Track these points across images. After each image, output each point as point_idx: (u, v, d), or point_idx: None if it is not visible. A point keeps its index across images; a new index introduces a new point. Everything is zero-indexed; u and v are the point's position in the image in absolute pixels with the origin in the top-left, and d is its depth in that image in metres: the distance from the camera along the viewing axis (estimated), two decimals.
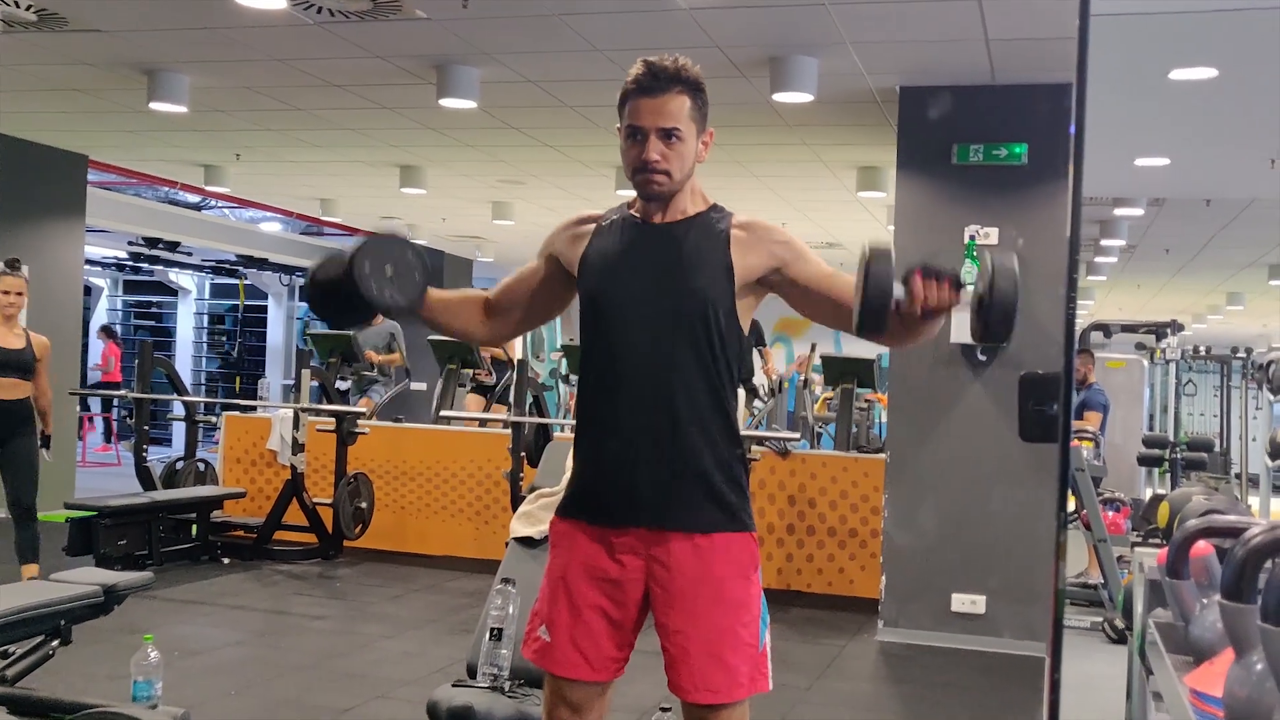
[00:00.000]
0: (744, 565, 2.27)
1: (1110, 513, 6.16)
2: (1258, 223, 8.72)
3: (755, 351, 8.94)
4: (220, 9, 5.23)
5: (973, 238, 5.82)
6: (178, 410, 8.78)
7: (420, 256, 2.42)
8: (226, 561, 7.30)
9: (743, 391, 8.23)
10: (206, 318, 17.28)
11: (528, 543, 3.43)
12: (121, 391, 8.90)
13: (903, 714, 4.95)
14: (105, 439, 14.77)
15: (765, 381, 9.45)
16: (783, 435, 7.41)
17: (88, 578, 3.96)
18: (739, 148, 7.53)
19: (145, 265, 15.09)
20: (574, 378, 9.72)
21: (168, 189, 11.22)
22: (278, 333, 16.60)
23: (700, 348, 2.25)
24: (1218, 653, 1.77)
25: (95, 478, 11.08)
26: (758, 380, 9.12)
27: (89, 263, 12.65)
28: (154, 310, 17.58)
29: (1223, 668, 1.55)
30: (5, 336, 5.77)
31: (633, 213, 2.35)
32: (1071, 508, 6.40)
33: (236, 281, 16.35)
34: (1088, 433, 7.15)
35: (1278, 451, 6.42)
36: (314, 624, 5.87)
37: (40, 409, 5.90)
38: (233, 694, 4.54)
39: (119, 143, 8.75)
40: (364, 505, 7.57)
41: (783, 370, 11.29)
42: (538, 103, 6.65)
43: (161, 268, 15.34)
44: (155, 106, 6.60)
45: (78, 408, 10.35)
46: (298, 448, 7.44)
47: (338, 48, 5.75)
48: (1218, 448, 9.70)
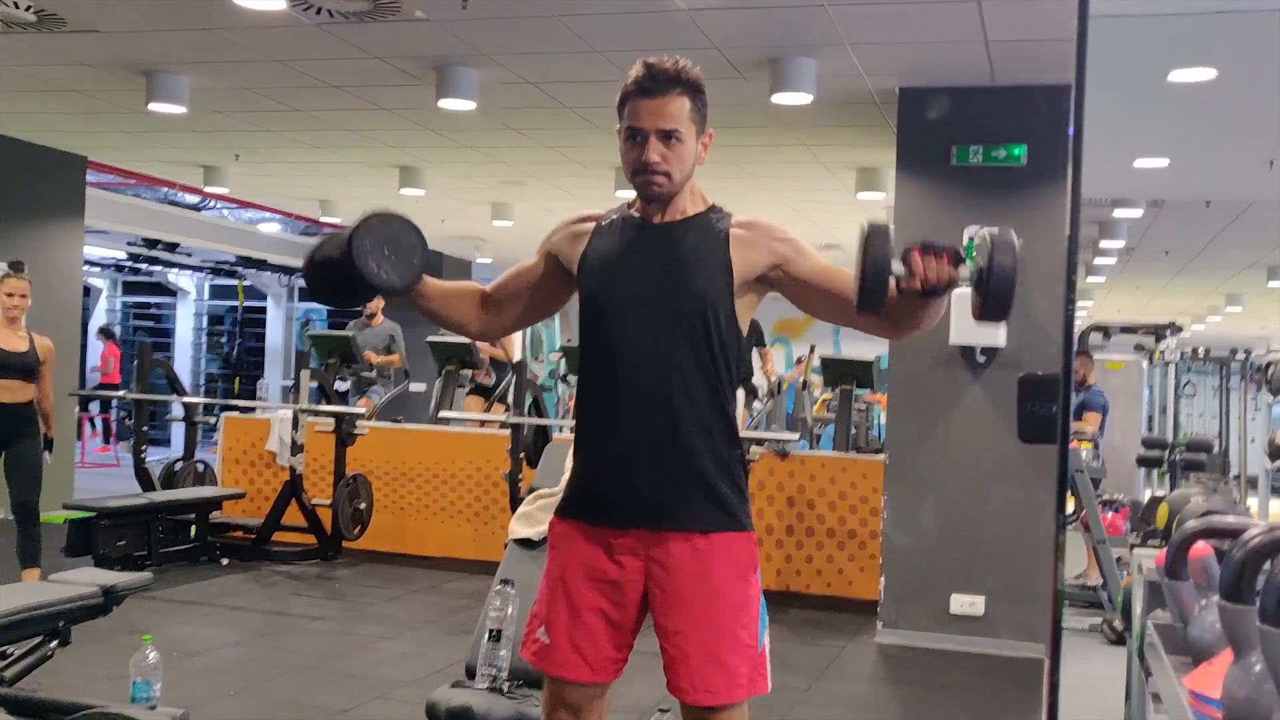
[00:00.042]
0: (743, 566, 2.27)
1: (1109, 514, 6.16)
2: (1257, 224, 8.72)
3: (754, 352, 8.93)
4: (219, 10, 5.22)
5: (971, 239, 5.81)
6: (177, 411, 8.77)
7: (421, 239, 2.40)
8: (225, 562, 7.30)
9: (742, 393, 8.24)
10: (205, 319, 17.27)
11: (527, 544, 3.43)
12: (120, 392, 8.89)
13: (902, 715, 4.95)
14: (104, 440, 14.76)
15: (764, 382, 9.44)
16: (781, 436, 7.41)
17: (86, 578, 3.96)
18: (738, 149, 7.52)
19: (144, 266, 15.09)
20: (573, 379, 9.70)
21: (167, 190, 11.22)
22: (277, 334, 16.60)
23: (700, 348, 2.25)
24: (1216, 654, 1.77)
25: (94, 478, 11.06)
26: (756, 380, 9.11)
27: (88, 263, 12.64)
28: (153, 311, 17.58)
29: (1221, 669, 1.55)
30: (8, 338, 5.75)
31: (632, 213, 2.35)
32: (1070, 509, 6.39)
33: (235, 282, 16.35)
34: (1086, 434, 7.14)
35: (1276, 453, 6.44)
36: (313, 625, 5.87)
37: (43, 412, 5.87)
38: (232, 695, 4.54)
39: (118, 143, 8.75)
40: (363, 506, 7.57)
41: (783, 373, 11.29)
42: (537, 104, 6.65)
43: (160, 269, 15.34)
44: (154, 107, 6.59)
45: (76, 409, 10.35)
46: (297, 449, 7.44)
47: (337, 49, 5.75)
48: (1216, 449, 9.70)
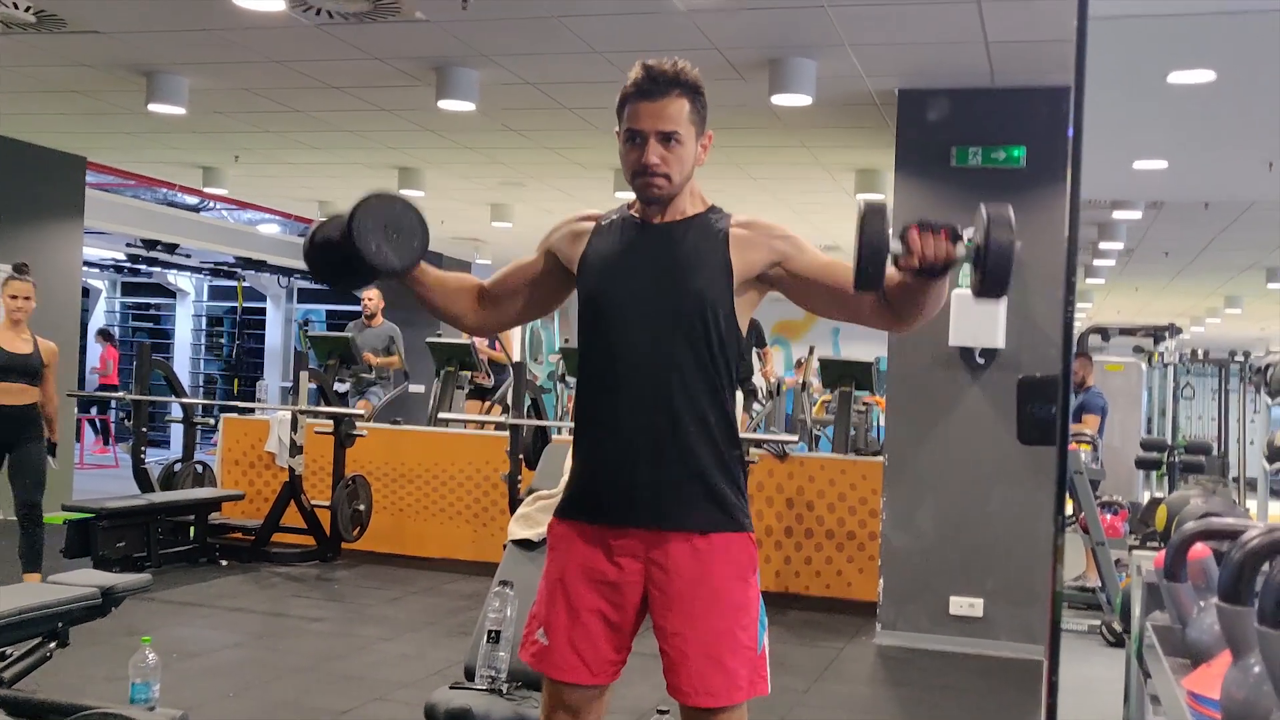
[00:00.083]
0: (742, 567, 2.27)
1: (1108, 516, 6.15)
2: (1256, 225, 8.72)
3: (754, 352, 8.93)
4: (219, 11, 5.22)
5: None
6: (176, 412, 8.77)
7: (422, 222, 2.39)
8: (224, 563, 7.30)
9: (741, 394, 8.24)
10: (205, 320, 17.27)
11: (526, 545, 3.43)
12: (120, 393, 8.89)
13: (900, 717, 4.95)
14: (103, 441, 14.75)
15: (764, 384, 9.44)
16: (780, 438, 7.41)
17: (86, 580, 3.96)
18: (738, 150, 7.52)
19: (144, 267, 15.08)
20: (572, 380, 9.70)
21: (166, 191, 11.22)
22: (276, 335, 16.59)
23: (699, 348, 2.25)
24: (1215, 655, 1.77)
25: (93, 480, 11.06)
26: (755, 381, 9.11)
27: (87, 264, 12.64)
28: (152, 312, 17.57)
29: (1220, 670, 1.55)
30: (13, 341, 5.73)
31: (632, 213, 2.35)
32: (1069, 511, 6.39)
33: (235, 283, 16.35)
34: (1086, 436, 7.14)
35: (1275, 455, 6.43)
36: (312, 626, 5.86)
37: (46, 416, 5.85)
38: (231, 696, 4.54)
39: (117, 144, 8.75)
40: (362, 507, 7.57)
41: (783, 376, 11.30)
42: (537, 105, 6.65)
43: (160, 270, 15.33)
44: (154, 108, 6.59)
45: (75, 410, 10.34)
46: (296, 450, 7.43)
47: (336, 49, 5.75)
48: (1215, 451, 9.69)
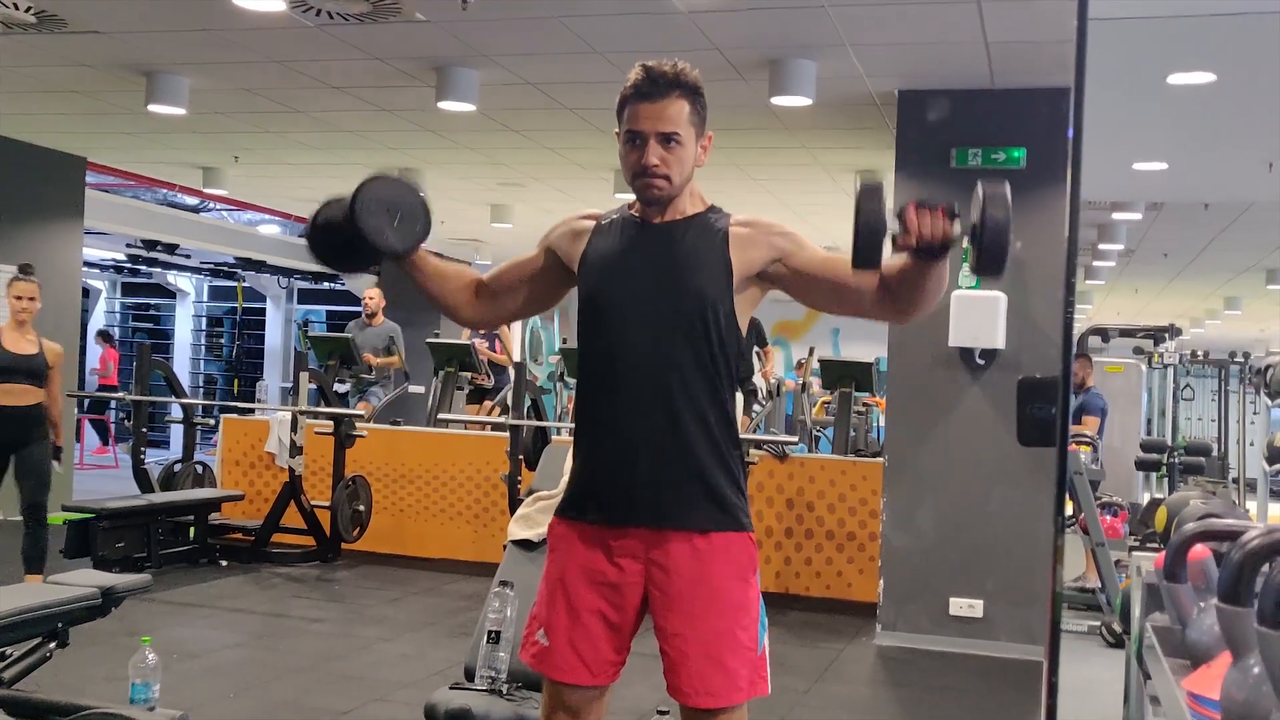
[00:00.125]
0: (742, 567, 2.27)
1: (1108, 517, 6.16)
2: (1256, 227, 8.73)
3: (755, 352, 8.91)
4: (219, 11, 5.23)
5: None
6: (176, 413, 8.77)
7: (425, 205, 2.40)
8: (224, 564, 7.30)
9: (741, 396, 8.23)
10: (205, 320, 17.27)
11: (526, 545, 3.43)
12: (120, 394, 8.89)
13: (901, 717, 4.95)
14: (103, 441, 14.75)
15: (763, 384, 9.43)
16: (780, 439, 7.41)
17: (86, 580, 3.96)
18: (738, 151, 7.53)
19: (144, 268, 15.09)
20: (572, 380, 9.70)
21: (166, 191, 11.22)
22: (276, 335, 16.60)
23: (699, 347, 2.25)
24: (1215, 656, 1.77)
25: (93, 480, 11.07)
26: (756, 381, 9.09)
27: (87, 265, 12.64)
28: (152, 312, 17.57)
29: (1220, 671, 1.55)
30: (17, 342, 5.70)
31: (632, 213, 2.36)
32: (1069, 512, 6.40)
33: (235, 284, 16.34)
34: (1085, 437, 7.14)
35: (1275, 456, 6.43)
36: (312, 627, 5.87)
37: (51, 419, 5.80)
38: (231, 696, 4.54)
39: (118, 145, 8.75)
40: (362, 508, 7.56)
41: (783, 377, 11.29)
42: (537, 105, 6.65)
43: (160, 270, 15.34)
44: (154, 108, 6.59)
45: (76, 410, 10.34)
46: (296, 450, 7.43)
47: (337, 50, 5.75)
48: (1215, 452, 9.71)
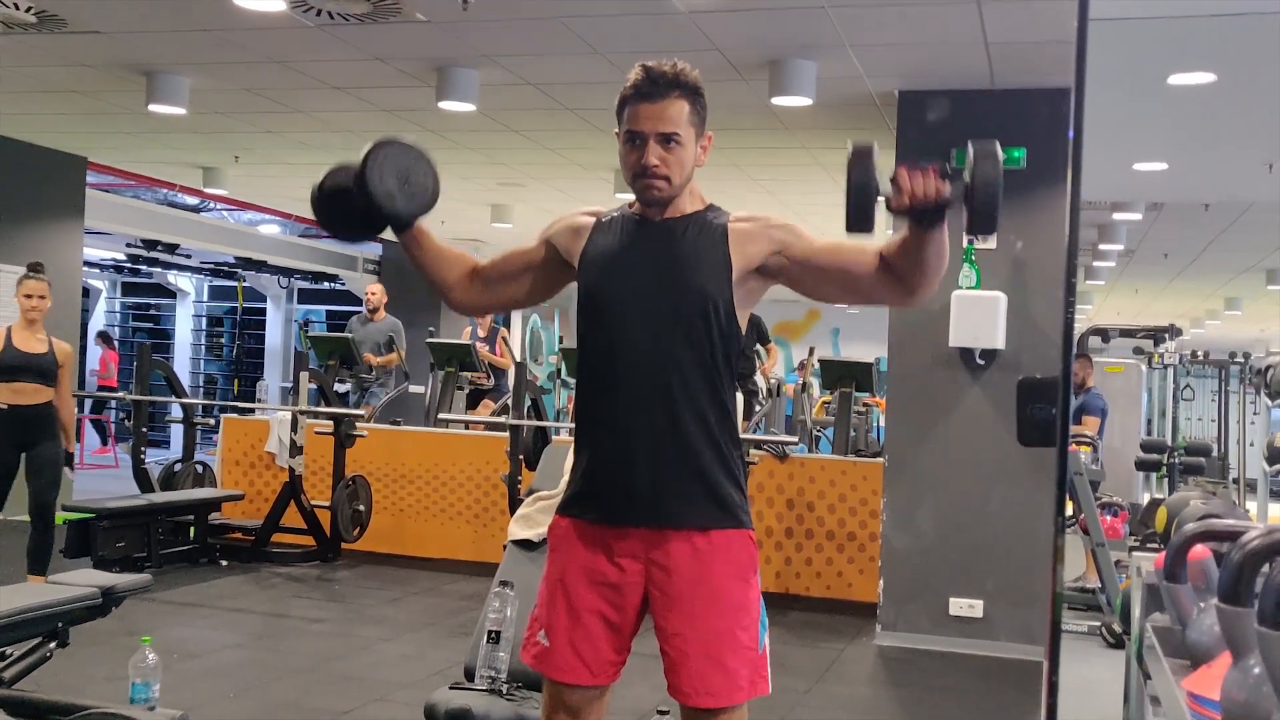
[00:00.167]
0: (743, 567, 2.27)
1: (1108, 517, 6.15)
2: (1256, 227, 8.73)
3: (757, 349, 8.89)
4: (219, 11, 5.23)
5: (971, 242, 5.83)
6: (176, 412, 8.77)
7: (434, 174, 2.41)
8: (225, 564, 7.30)
9: (742, 397, 8.23)
10: (205, 320, 17.26)
11: (526, 545, 3.43)
12: (120, 393, 8.89)
13: (901, 717, 4.95)
14: (103, 441, 14.76)
15: (763, 383, 9.42)
16: (781, 439, 7.41)
17: (86, 580, 3.96)
18: (738, 151, 7.53)
19: (144, 267, 15.07)
20: (572, 380, 9.69)
21: (166, 191, 11.22)
22: (276, 335, 16.59)
23: (700, 345, 2.25)
24: (1215, 656, 1.77)
25: (93, 480, 11.05)
26: (756, 380, 9.08)
27: (87, 265, 12.64)
28: (152, 312, 17.57)
29: (1220, 671, 1.55)
30: (28, 341, 5.65)
31: (632, 211, 2.36)
32: (1069, 512, 6.39)
33: (235, 284, 16.34)
34: (1086, 437, 7.14)
35: (1275, 456, 6.43)
36: (312, 627, 5.87)
37: (61, 422, 5.75)
38: (231, 696, 4.54)
39: (118, 144, 8.75)
40: (362, 508, 7.57)
41: (783, 378, 11.28)
42: (537, 105, 6.66)
43: (160, 270, 15.33)
44: (154, 108, 6.60)
45: (76, 410, 10.33)
46: (296, 450, 7.43)
47: (337, 50, 5.75)
48: (1215, 452, 9.70)
